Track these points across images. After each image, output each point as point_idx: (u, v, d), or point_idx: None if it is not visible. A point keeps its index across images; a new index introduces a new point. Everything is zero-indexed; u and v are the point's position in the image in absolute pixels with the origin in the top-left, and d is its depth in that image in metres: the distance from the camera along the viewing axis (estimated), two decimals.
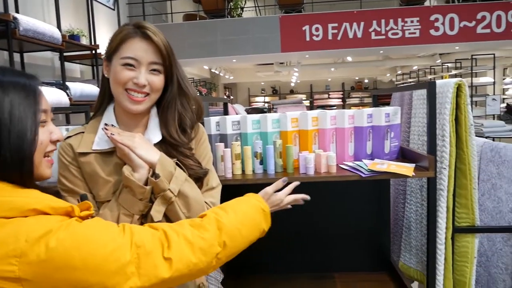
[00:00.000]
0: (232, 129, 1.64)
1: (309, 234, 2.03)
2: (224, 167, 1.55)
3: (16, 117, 0.81)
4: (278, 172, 1.55)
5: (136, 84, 1.07)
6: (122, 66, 1.07)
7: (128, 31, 1.09)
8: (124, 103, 1.09)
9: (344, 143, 1.64)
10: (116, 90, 1.09)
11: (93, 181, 1.10)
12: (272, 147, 1.54)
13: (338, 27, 7.30)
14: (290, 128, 1.61)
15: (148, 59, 1.08)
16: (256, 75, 14.06)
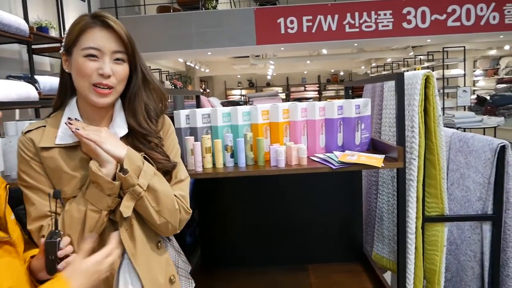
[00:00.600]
0: (202, 122, 1.61)
1: (282, 227, 2.03)
2: (194, 160, 1.52)
3: None
4: (249, 165, 1.53)
5: (101, 75, 1.03)
6: (85, 57, 1.03)
7: (86, 21, 1.05)
8: (90, 97, 1.05)
9: (315, 135, 1.63)
10: (81, 84, 1.05)
11: (57, 177, 1.06)
12: (242, 140, 1.53)
13: (313, 19, 7.32)
14: (261, 120, 1.59)
15: (110, 48, 1.05)
16: (232, 68, 13.99)
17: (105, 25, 1.04)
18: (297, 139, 1.62)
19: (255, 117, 1.59)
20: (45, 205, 1.03)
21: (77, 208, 1.02)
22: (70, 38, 1.05)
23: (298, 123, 1.62)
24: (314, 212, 2.02)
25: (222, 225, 2.08)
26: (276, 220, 2.03)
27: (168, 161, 1.14)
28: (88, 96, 1.05)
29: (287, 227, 2.03)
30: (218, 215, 2.07)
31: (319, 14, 7.28)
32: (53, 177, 1.07)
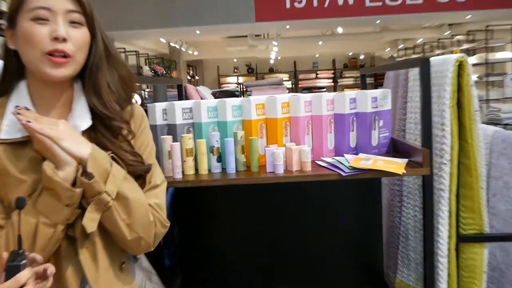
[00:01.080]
0: (183, 118, 1.62)
1: (282, 247, 2.03)
2: (173, 165, 1.52)
3: None
4: (240, 171, 1.54)
5: (55, 39, 1.02)
6: (32, 21, 1.02)
7: None
8: (43, 69, 1.04)
9: (321, 134, 1.64)
10: (30, 55, 1.04)
11: (0, 181, 1.04)
12: (232, 140, 1.53)
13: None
14: (254, 116, 1.59)
15: (64, 6, 1.04)
16: (227, 50, 13.98)
17: None
18: (300, 139, 1.62)
19: (248, 111, 1.60)
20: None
21: (26, 220, 1.00)
22: (13, 5, 1.05)
23: (301, 119, 1.62)
24: (322, 229, 2.02)
25: (207, 245, 2.08)
26: (274, 239, 2.03)
27: (140, 162, 1.14)
28: (40, 69, 1.04)
29: (287, 247, 2.03)
30: (203, 232, 2.08)
31: None
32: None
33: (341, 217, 2.02)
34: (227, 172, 1.54)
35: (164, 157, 1.54)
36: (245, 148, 1.55)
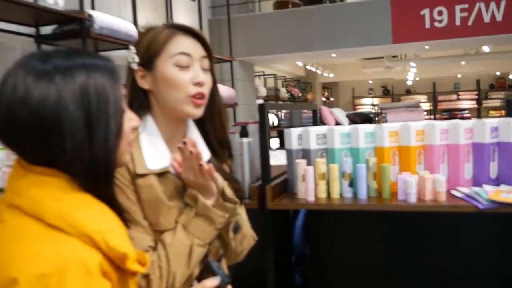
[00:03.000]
0: (317, 143, 1.67)
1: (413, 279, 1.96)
2: (306, 188, 1.57)
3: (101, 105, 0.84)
4: (371, 197, 1.54)
5: (198, 84, 1.12)
6: (176, 67, 1.12)
7: (168, 31, 1.15)
8: (185, 109, 1.14)
9: (458, 163, 1.57)
10: (173, 97, 1.14)
11: (153, 207, 1.13)
12: (364, 166, 1.54)
13: (469, 8, 6.92)
14: (387, 143, 1.59)
15: (200, 53, 1.15)
16: (362, 72, 13.82)
17: (188, 32, 1.15)
18: (434, 167, 1.58)
19: (381, 138, 1.59)
20: (144, 240, 1.10)
21: (181, 243, 1.11)
22: (153, 50, 1.14)
23: (436, 148, 1.57)
24: (457, 265, 1.90)
25: (337, 266, 2.08)
26: (404, 266, 1.96)
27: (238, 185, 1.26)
28: (183, 109, 1.14)
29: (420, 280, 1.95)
30: (333, 253, 2.09)
31: (478, 1, 6.87)
32: (148, 207, 1.13)
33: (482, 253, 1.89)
34: (358, 197, 1.55)
35: (298, 180, 1.60)
36: (377, 174, 1.55)
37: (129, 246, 0.88)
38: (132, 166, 1.12)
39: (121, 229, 0.90)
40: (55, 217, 0.81)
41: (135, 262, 0.86)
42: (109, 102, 0.86)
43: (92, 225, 0.83)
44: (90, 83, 0.85)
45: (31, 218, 0.82)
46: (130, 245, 0.88)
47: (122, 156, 0.92)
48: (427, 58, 11.51)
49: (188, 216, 1.13)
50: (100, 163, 0.85)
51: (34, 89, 0.82)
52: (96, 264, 0.79)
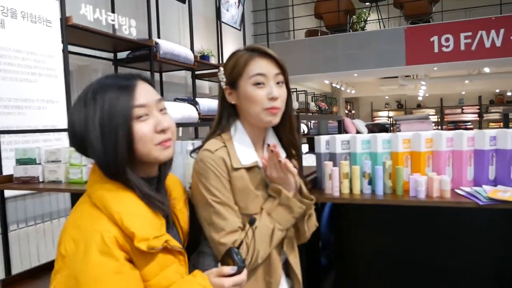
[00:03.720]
0: (342, 148, 1.68)
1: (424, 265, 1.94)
2: (332, 185, 1.59)
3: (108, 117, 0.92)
4: (387, 194, 1.54)
5: (272, 99, 1.17)
6: (254, 86, 1.17)
7: (247, 54, 1.20)
8: (264, 118, 1.19)
9: (461, 166, 1.55)
10: (252, 110, 1.19)
11: (243, 195, 1.18)
12: (381, 167, 1.54)
13: (472, 35, 6.74)
14: (401, 149, 1.58)
15: (273, 71, 1.19)
16: (380, 89, 13.62)
17: (263, 54, 1.20)
18: (441, 170, 1.56)
19: (396, 145, 1.59)
20: (235, 221, 1.15)
21: (266, 226, 1.17)
22: (236, 72, 1.20)
23: (443, 153, 1.56)
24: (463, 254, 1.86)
25: (358, 251, 2.08)
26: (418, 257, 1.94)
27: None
28: (261, 118, 1.19)
29: (428, 265, 1.93)
30: (355, 241, 2.08)
31: (480, 29, 6.68)
32: (238, 194, 1.18)
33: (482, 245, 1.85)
34: (376, 194, 1.55)
35: (326, 178, 1.62)
36: (392, 175, 1.55)
37: (144, 228, 0.92)
38: (229, 161, 1.17)
39: (143, 214, 0.96)
40: (97, 200, 0.94)
41: (142, 241, 0.91)
42: (117, 114, 0.93)
43: (115, 207, 0.93)
44: (106, 100, 0.94)
45: (89, 200, 0.96)
46: (147, 228, 0.94)
47: (149, 154, 0.98)
48: (436, 77, 11.26)
49: (273, 204, 1.19)
50: (111, 163, 0.94)
51: (74, 111, 0.97)
52: (111, 237, 0.89)
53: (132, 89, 0.97)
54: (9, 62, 2.74)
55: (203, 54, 5.20)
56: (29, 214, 2.99)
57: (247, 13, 7.03)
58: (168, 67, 4.64)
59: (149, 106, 0.98)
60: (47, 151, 2.12)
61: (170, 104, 4.16)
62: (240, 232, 1.15)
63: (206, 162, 1.15)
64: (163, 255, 0.98)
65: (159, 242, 0.94)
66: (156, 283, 0.96)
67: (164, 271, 0.98)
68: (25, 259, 2.94)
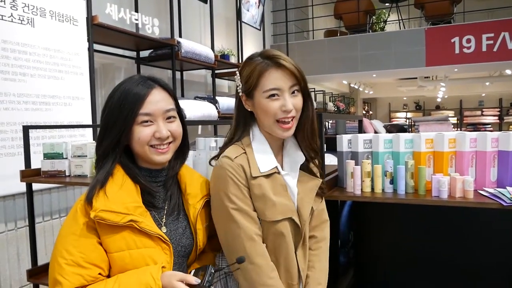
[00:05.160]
0: (364, 147, 1.67)
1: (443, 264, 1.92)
2: (354, 183, 1.59)
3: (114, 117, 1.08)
4: (408, 193, 1.53)
5: (285, 111, 1.17)
6: (268, 99, 1.17)
7: (261, 65, 1.18)
8: (276, 131, 1.20)
9: (485, 167, 1.53)
10: (266, 121, 1.20)
11: (261, 203, 1.17)
12: (403, 167, 1.53)
13: (495, 37, 6.60)
14: (424, 149, 1.57)
15: (287, 84, 1.18)
16: (398, 89, 13.46)
17: (278, 65, 1.17)
18: (464, 170, 1.55)
19: (418, 145, 1.58)
20: (250, 228, 1.15)
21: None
22: (250, 83, 1.19)
23: (466, 153, 1.54)
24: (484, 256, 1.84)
25: (376, 250, 2.08)
26: (436, 256, 1.93)
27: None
28: (273, 130, 1.21)
29: (447, 265, 1.91)
30: (374, 239, 2.08)
31: (503, 30, 6.53)
32: (257, 201, 1.17)
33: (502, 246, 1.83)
34: (397, 193, 1.55)
35: (347, 177, 1.62)
36: (414, 174, 1.54)
37: (104, 202, 1.03)
38: (248, 169, 1.18)
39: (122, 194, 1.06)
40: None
41: (93, 211, 1.01)
42: (121, 117, 1.08)
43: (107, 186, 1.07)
44: (117, 103, 1.09)
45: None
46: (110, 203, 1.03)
47: (144, 155, 1.11)
48: (455, 79, 11.08)
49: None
50: (97, 146, 1.12)
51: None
52: (82, 204, 1.06)
53: (144, 97, 1.09)
54: (37, 60, 2.81)
55: (223, 53, 5.23)
56: (54, 208, 3.06)
57: (267, 13, 7.04)
58: (189, 66, 4.68)
59: (154, 115, 1.11)
60: (73, 146, 2.18)
61: (190, 102, 4.20)
62: (258, 242, 1.15)
63: (226, 169, 1.16)
64: (133, 235, 1.04)
65: (117, 218, 1.02)
66: (119, 258, 1.03)
67: (133, 251, 1.04)
68: (50, 251, 3.02)
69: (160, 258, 1.06)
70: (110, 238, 1.03)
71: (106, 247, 1.04)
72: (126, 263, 1.03)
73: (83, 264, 1.01)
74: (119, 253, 1.03)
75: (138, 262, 1.03)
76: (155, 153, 1.12)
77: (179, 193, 1.22)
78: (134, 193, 1.09)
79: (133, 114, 1.08)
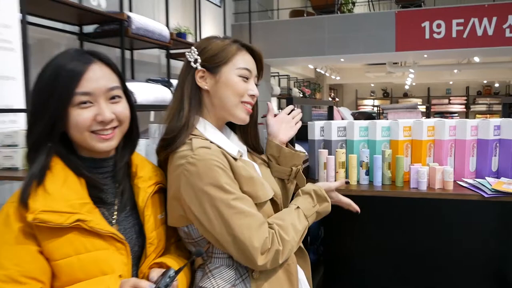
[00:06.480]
0: (338, 135, 1.66)
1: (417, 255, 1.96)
2: (327, 175, 1.58)
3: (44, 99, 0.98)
4: (385, 185, 1.53)
5: (252, 96, 1.21)
6: (240, 77, 1.18)
7: (237, 45, 1.21)
8: (237, 113, 1.19)
9: (464, 157, 1.56)
10: (231, 101, 1.18)
11: (251, 183, 1.14)
12: (380, 157, 1.53)
13: (465, 23, 6.84)
14: (401, 137, 1.58)
15: (255, 72, 1.25)
16: (365, 75, 13.75)
17: (250, 51, 1.23)
18: (442, 160, 1.57)
19: (396, 133, 1.59)
20: (257, 214, 1.10)
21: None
22: (221, 57, 1.17)
23: (445, 142, 1.56)
24: (455, 244, 1.90)
25: (347, 245, 2.09)
26: (409, 246, 1.97)
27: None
28: (235, 112, 1.19)
29: (421, 256, 1.96)
30: (345, 234, 2.09)
31: (472, 16, 6.78)
32: (247, 185, 1.13)
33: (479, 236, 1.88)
34: (374, 185, 1.55)
35: (320, 168, 1.60)
36: (391, 164, 1.54)
37: (43, 201, 0.94)
38: (227, 153, 1.14)
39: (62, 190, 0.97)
40: None
41: (29, 213, 0.93)
42: (55, 97, 0.97)
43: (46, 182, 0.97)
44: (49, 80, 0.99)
45: None
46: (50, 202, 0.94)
47: (84, 142, 1.03)
48: (424, 65, 11.44)
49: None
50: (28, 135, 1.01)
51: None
52: (15, 207, 0.94)
53: (81, 74, 0.99)
54: None
55: (179, 31, 5.09)
56: None
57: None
58: (141, 44, 4.50)
59: (94, 94, 1.00)
60: (2, 133, 2.02)
61: (142, 85, 4.05)
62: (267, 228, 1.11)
63: (210, 160, 1.08)
64: (82, 237, 0.95)
65: (61, 219, 0.93)
66: (66, 265, 0.95)
67: (83, 255, 0.95)
68: None
69: (115, 260, 0.99)
70: (53, 243, 0.93)
71: (49, 254, 0.94)
72: (75, 271, 0.94)
73: (20, 279, 0.91)
74: (66, 259, 0.94)
75: (90, 268, 0.95)
76: (98, 139, 1.02)
77: (130, 182, 1.14)
78: (79, 188, 1.00)
79: (68, 94, 0.98)
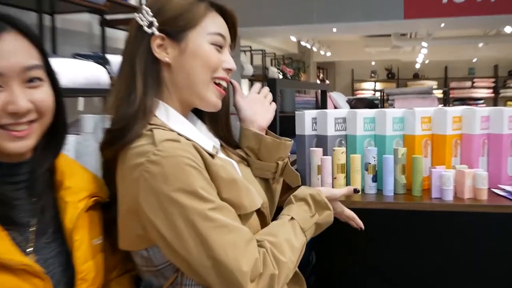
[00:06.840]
0: (335, 129, 1.66)
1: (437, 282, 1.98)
2: (322, 182, 1.57)
3: None
4: (398, 194, 1.54)
5: (227, 70, 1.21)
6: (212, 45, 1.17)
7: (203, 5, 1.19)
8: (207, 95, 1.18)
9: (501, 156, 1.58)
10: (199, 77, 1.17)
11: (234, 188, 1.13)
12: (391, 157, 1.54)
13: None
14: (419, 131, 1.59)
15: (229, 39, 1.24)
16: (364, 51, 13.88)
17: (220, 11, 1.22)
18: (473, 161, 1.59)
19: (411, 125, 1.60)
20: (243, 227, 1.08)
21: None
22: (186, 20, 1.15)
23: (476, 137, 1.58)
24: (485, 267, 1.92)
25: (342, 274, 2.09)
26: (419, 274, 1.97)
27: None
28: (204, 93, 1.18)
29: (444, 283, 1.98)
30: (343, 259, 2.09)
31: None
32: (228, 190, 1.11)
33: None
34: (383, 194, 1.55)
35: (313, 172, 1.59)
36: (406, 167, 1.54)
37: None
38: (201, 149, 1.12)
39: None
40: None
41: None
42: None
43: None
44: None
45: None
46: None
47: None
48: (441, 38, 11.62)
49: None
50: None
51: None
52: None
53: None
54: None
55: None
56: None
57: None
58: (65, 7, 4.41)
59: (5, 75, 0.98)
60: None
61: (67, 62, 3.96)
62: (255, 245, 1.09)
63: (180, 157, 1.05)
64: None
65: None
66: None
67: None
68: None
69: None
70: None
71: None
72: None
73: None
74: None
75: None
76: (8, 137, 1.00)
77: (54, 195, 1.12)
78: None
79: None
